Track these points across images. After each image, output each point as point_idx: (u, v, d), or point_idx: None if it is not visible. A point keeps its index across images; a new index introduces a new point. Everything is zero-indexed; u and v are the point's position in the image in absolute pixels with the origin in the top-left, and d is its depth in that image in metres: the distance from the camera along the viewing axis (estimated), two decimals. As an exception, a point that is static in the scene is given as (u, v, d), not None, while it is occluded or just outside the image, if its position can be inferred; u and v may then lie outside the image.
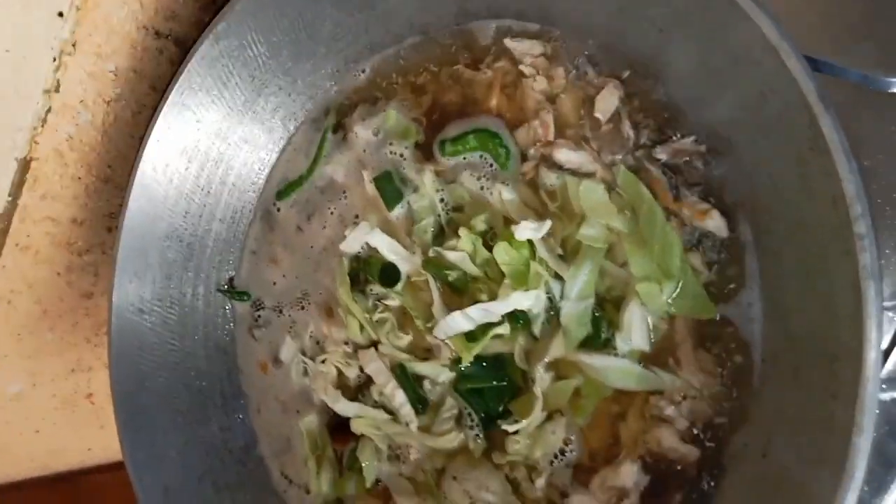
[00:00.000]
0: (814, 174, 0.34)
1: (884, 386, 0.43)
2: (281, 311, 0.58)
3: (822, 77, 0.44)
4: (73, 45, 0.57)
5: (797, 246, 0.38)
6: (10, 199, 0.58)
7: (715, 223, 0.44)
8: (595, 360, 0.45)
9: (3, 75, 0.53)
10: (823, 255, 0.35)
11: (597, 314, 0.46)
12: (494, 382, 0.49)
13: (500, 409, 0.49)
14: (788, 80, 0.34)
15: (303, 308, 0.57)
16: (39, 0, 0.54)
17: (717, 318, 0.44)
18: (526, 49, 0.49)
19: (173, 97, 0.53)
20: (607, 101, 0.46)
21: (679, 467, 0.45)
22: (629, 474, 0.44)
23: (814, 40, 0.43)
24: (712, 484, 0.43)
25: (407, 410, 0.50)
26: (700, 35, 0.39)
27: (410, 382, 0.51)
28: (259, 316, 0.58)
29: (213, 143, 0.57)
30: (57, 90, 0.57)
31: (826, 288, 0.35)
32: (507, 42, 0.50)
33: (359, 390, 0.54)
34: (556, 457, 0.47)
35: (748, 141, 0.41)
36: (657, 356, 0.46)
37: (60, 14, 0.55)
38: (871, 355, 0.32)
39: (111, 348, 0.53)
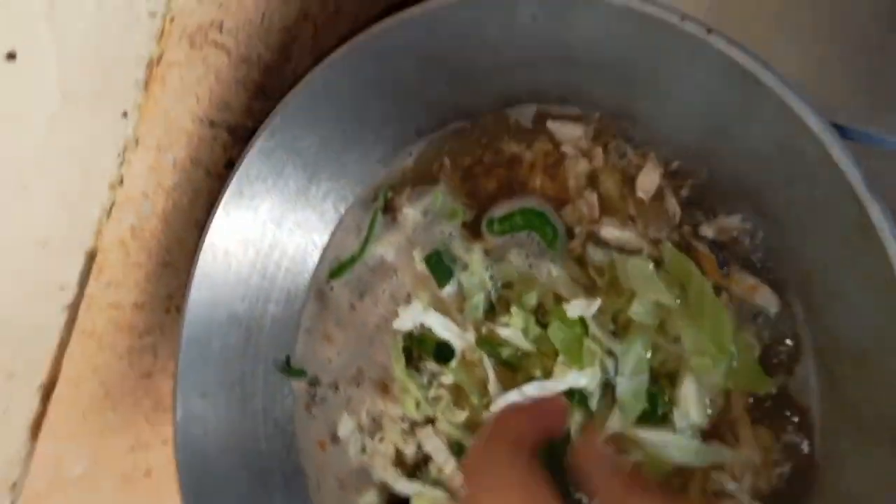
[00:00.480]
0: (864, 259, 0.35)
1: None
2: (337, 388, 0.59)
3: (860, 147, 0.45)
4: (136, 141, 0.60)
5: (851, 325, 0.39)
6: (77, 290, 0.60)
7: (765, 298, 0.44)
8: (653, 436, 0.46)
9: (74, 175, 0.56)
10: (879, 336, 0.35)
11: (652, 390, 0.47)
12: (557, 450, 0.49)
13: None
14: (834, 170, 0.35)
15: (358, 385, 0.58)
16: (105, 102, 0.57)
17: (774, 392, 0.45)
18: (567, 131, 0.51)
19: (232, 188, 0.56)
20: (648, 180, 0.48)
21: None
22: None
23: (853, 110, 0.44)
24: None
25: (467, 488, 0.50)
26: (743, 123, 0.40)
27: (469, 460, 0.51)
28: (316, 393, 0.60)
29: (269, 228, 0.59)
30: (121, 184, 0.60)
31: (884, 368, 0.36)
32: (549, 124, 0.52)
33: (416, 467, 0.55)
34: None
35: (796, 221, 0.41)
36: (715, 430, 0.46)
37: (125, 114, 0.58)
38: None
39: (177, 437, 0.55)
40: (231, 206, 0.56)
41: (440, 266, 0.55)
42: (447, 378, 0.53)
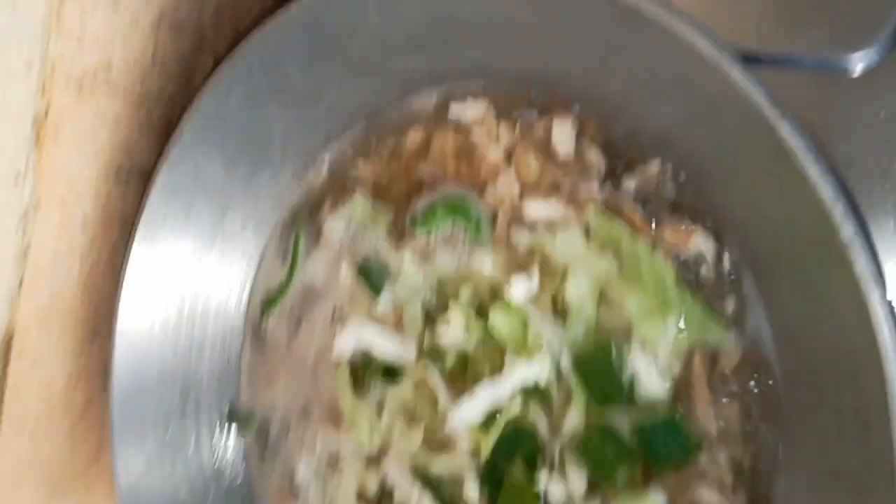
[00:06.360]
0: (787, 184, 0.32)
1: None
2: (288, 431, 0.57)
3: (777, 71, 0.42)
4: (37, 204, 0.58)
5: (790, 261, 0.36)
6: (-4, 375, 0.58)
7: (700, 244, 0.42)
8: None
9: (-32, 253, 0.54)
10: (817, 266, 0.33)
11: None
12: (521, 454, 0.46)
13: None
14: (737, 96, 0.33)
15: (309, 421, 0.56)
16: (-8, 171, 0.55)
17: (731, 349, 0.42)
18: (470, 112, 0.50)
19: (140, 237, 0.55)
20: (563, 135, 0.46)
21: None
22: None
23: (763, 34, 0.42)
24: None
25: (435, 516, 0.48)
26: (640, 61, 0.38)
27: (434, 486, 0.49)
28: (267, 442, 0.58)
29: (188, 271, 0.57)
30: (27, 255, 0.58)
31: (828, 300, 0.33)
32: (453, 107, 0.51)
33: (380, 500, 0.52)
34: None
35: (714, 158, 0.39)
36: (682, 397, 0.43)
37: (18, 177, 0.57)
38: (892, 367, 0.30)
39: None
40: (142, 256, 0.55)
41: (371, 277, 0.53)
42: (396, 399, 0.50)
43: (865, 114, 0.39)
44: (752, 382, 0.41)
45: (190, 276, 0.57)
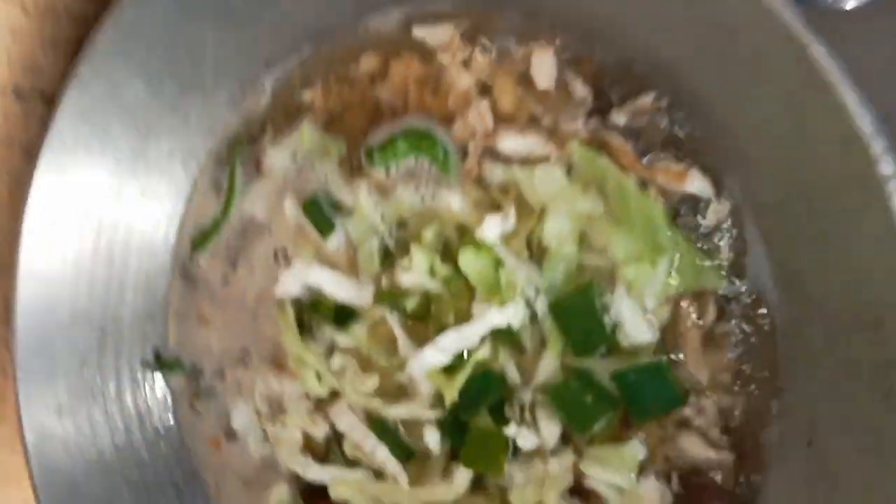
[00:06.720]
0: (813, 116, 0.29)
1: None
2: (223, 376, 0.51)
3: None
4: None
5: (804, 201, 0.34)
6: None
7: (696, 184, 0.39)
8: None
9: None
10: (842, 205, 0.30)
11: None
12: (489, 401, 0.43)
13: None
14: (761, 12, 0.29)
15: (247, 367, 0.51)
16: None
17: (726, 294, 0.39)
18: (438, 35, 0.45)
19: (45, 164, 0.47)
20: (544, 67, 0.42)
21: (715, 476, 0.39)
22: (650, 491, 0.38)
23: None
24: (756, 488, 0.38)
25: (392, 465, 0.44)
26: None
27: (391, 433, 0.45)
28: (199, 386, 0.52)
29: (106, 204, 0.50)
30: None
31: (852, 243, 0.31)
32: (416, 30, 0.45)
33: (329, 448, 0.48)
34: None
35: (723, 89, 0.36)
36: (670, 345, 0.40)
37: None
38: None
39: (30, 463, 0.47)
40: (48, 185, 0.47)
41: (320, 214, 0.47)
42: (348, 342, 0.45)
43: (859, 53, 0.36)
44: (749, 330, 0.38)
45: (107, 209, 0.50)
